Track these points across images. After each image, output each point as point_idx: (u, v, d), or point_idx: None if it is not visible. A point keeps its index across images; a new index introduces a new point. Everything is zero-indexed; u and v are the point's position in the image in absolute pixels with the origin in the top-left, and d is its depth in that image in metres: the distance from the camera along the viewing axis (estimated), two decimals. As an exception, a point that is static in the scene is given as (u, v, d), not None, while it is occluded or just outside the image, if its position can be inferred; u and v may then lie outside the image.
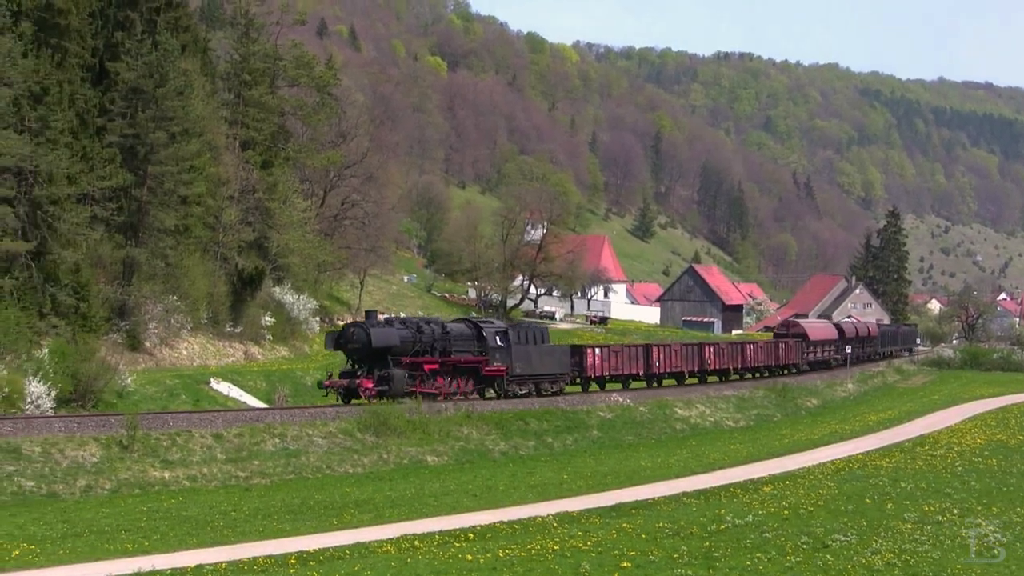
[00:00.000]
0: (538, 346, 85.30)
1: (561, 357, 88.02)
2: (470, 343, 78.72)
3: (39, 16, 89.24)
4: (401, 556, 36.81)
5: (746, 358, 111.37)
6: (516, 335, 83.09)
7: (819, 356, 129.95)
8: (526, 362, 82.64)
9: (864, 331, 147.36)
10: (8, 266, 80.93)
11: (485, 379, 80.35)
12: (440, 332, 76.09)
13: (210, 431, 63.07)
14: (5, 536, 41.88)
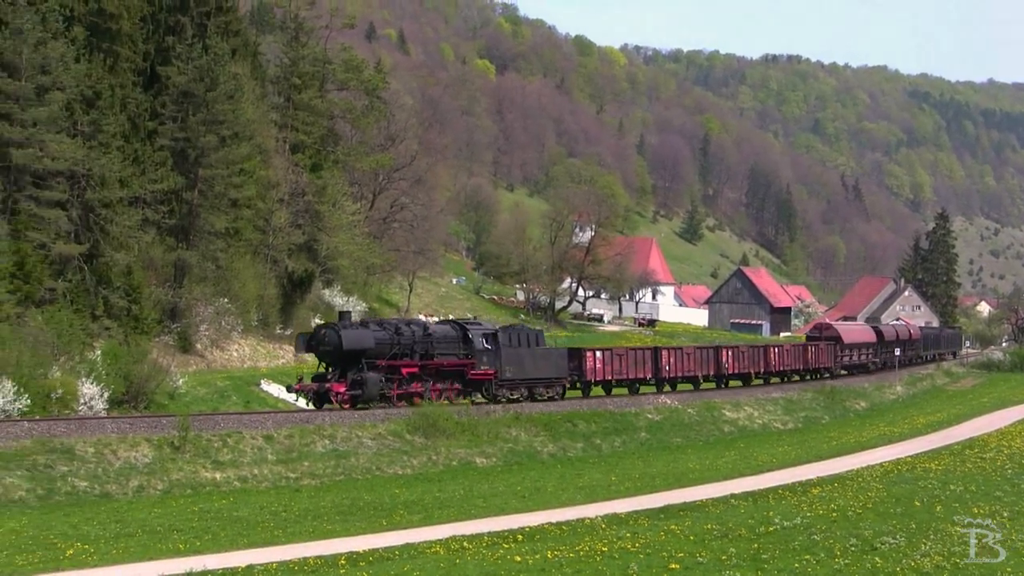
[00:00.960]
0: (531, 349, 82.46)
1: (558, 361, 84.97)
2: (455, 345, 75.56)
3: (91, 21, 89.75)
4: (450, 557, 36.89)
5: (769, 362, 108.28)
6: (507, 338, 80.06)
7: (855, 360, 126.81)
8: (517, 365, 79.68)
9: (905, 334, 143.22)
10: (61, 269, 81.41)
11: (472, 383, 76.74)
12: (422, 334, 73.14)
13: (260, 432, 63.30)
14: (59, 535, 42.15)
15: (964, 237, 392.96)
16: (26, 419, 58.73)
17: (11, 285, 75.25)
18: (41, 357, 69.74)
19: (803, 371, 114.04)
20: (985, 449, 70.86)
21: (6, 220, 79.11)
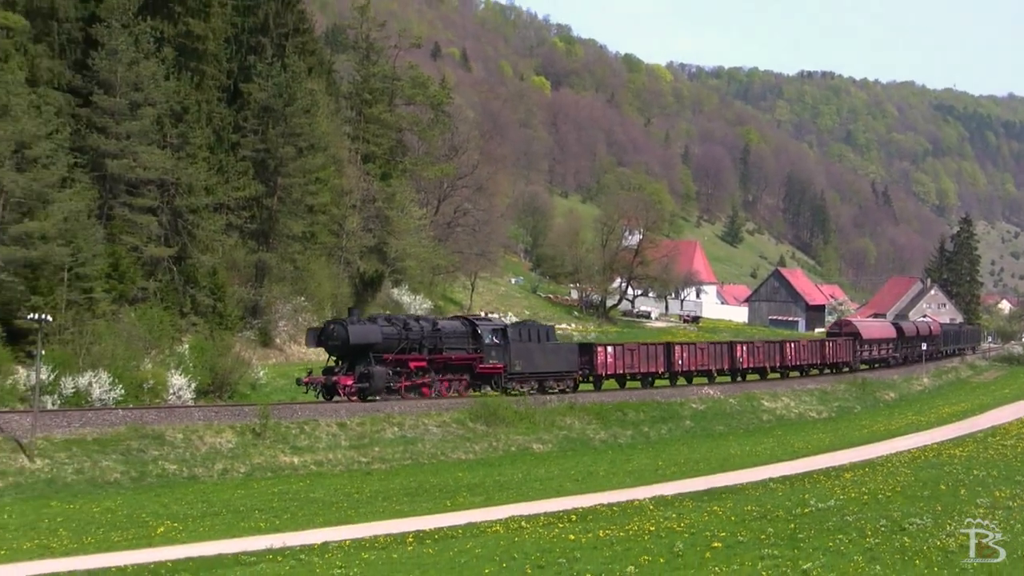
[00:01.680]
0: (541, 344, 79.85)
1: (568, 355, 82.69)
2: (464, 341, 73.26)
3: (180, 42, 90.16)
4: (509, 536, 36.92)
5: (785, 357, 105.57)
6: (516, 333, 77.86)
7: (874, 354, 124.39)
8: (527, 360, 77.19)
9: (926, 330, 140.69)
10: (152, 270, 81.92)
11: (481, 376, 74.41)
12: (430, 329, 70.94)
13: (335, 420, 63.50)
14: (151, 515, 42.39)
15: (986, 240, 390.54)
16: (121, 407, 59.10)
17: (107, 285, 75.82)
18: (134, 351, 70.26)
19: (821, 365, 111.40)
20: (1006, 436, 70.40)
21: (102, 225, 79.62)
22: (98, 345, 67.73)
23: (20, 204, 71.41)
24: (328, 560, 33.19)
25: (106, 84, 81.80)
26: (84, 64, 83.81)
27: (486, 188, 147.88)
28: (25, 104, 73.26)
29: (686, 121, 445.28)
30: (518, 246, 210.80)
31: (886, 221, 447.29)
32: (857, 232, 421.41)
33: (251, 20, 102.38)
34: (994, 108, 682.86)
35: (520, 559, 32.22)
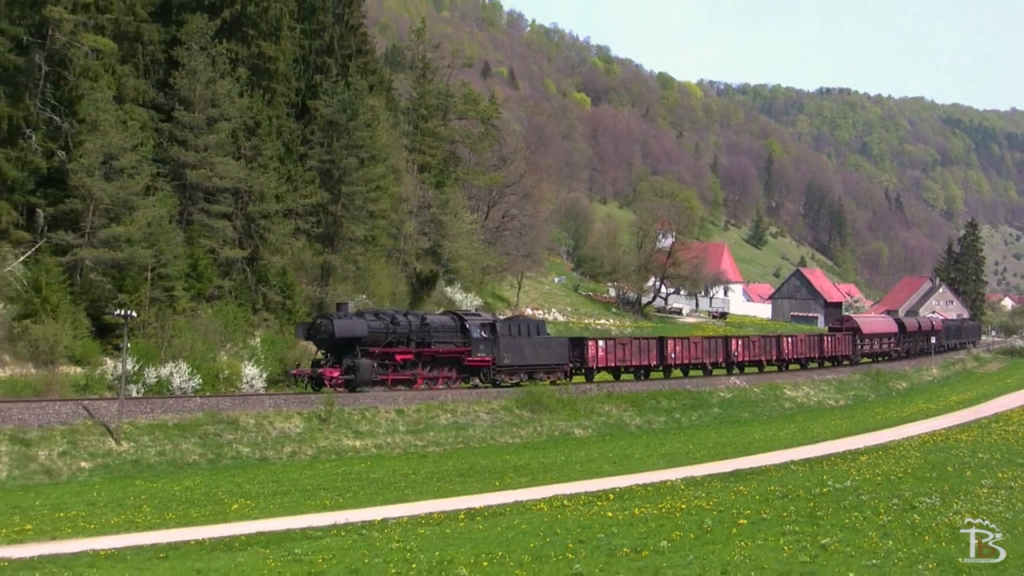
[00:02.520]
0: (531, 338, 77.37)
1: (558, 349, 79.67)
2: (452, 335, 70.93)
3: (253, 63, 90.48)
4: (552, 513, 36.97)
5: (782, 351, 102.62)
6: (506, 328, 75.75)
7: (875, 348, 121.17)
8: (516, 353, 74.61)
9: (927, 326, 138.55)
10: (228, 270, 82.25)
11: (469, 369, 72.01)
12: (419, 324, 68.72)
13: (393, 408, 63.64)
14: (226, 493, 42.57)
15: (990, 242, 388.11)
16: (198, 396, 59.34)
17: (186, 284, 76.20)
18: (211, 344, 70.64)
19: (819, 358, 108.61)
20: (1009, 423, 70.37)
21: (182, 229, 79.99)
22: (178, 339, 68.10)
23: (108, 210, 71.90)
24: (387, 535, 33.28)
25: (186, 101, 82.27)
26: (166, 83, 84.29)
27: (532, 195, 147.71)
28: (113, 119, 73.70)
29: (715, 134, 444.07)
30: (561, 248, 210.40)
31: (898, 225, 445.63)
32: (872, 235, 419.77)
33: (318, 42, 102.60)
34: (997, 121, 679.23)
35: (562, 534, 32.28)
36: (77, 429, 50.52)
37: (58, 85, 76.34)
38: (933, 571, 25.50)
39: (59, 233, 72.06)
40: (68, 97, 75.69)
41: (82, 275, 71.80)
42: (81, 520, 36.39)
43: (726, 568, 26.66)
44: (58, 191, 73.42)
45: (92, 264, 71.84)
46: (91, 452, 49.23)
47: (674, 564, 27.40)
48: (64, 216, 72.99)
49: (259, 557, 29.75)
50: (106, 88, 75.66)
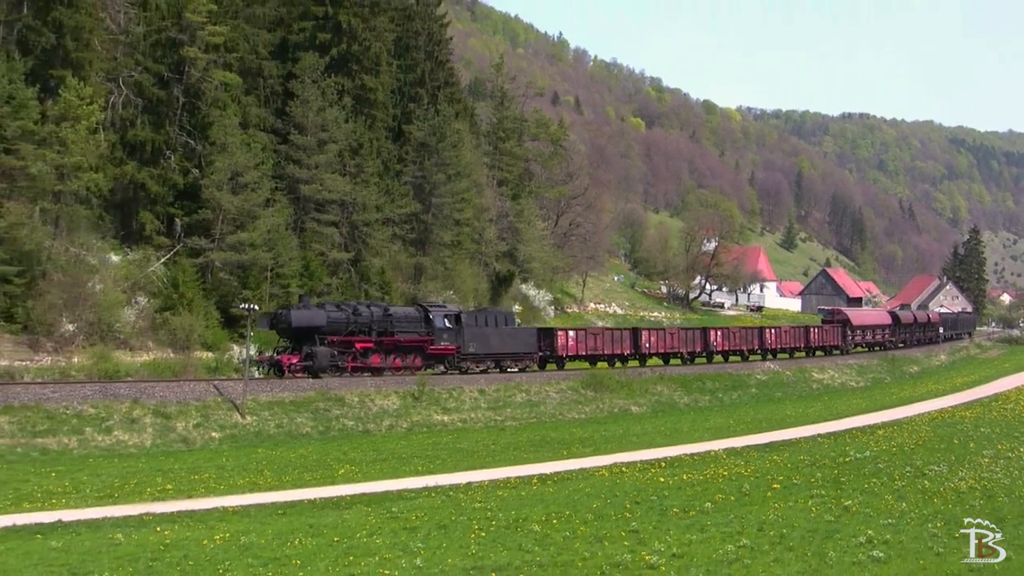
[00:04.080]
0: (499, 328, 71.61)
1: (527, 339, 73.95)
2: (417, 325, 65.27)
3: (356, 93, 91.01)
4: (612, 478, 36.93)
5: (765, 341, 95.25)
6: (472, 319, 70.01)
7: (867, 339, 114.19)
8: (482, 342, 69.23)
9: (923, 318, 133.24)
10: (335, 270, 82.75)
11: (432, 357, 66.12)
12: (381, 315, 63.31)
13: (476, 388, 63.74)
14: (335, 460, 42.81)
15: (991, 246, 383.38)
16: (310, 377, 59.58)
17: (300, 281, 76.69)
18: (321, 333, 70.74)
19: (805, 348, 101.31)
20: (1007, 402, 69.83)
21: (296, 235, 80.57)
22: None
23: (234, 219, 72.58)
24: (470, 496, 33.35)
25: (300, 126, 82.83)
26: (283, 111, 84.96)
27: (594, 206, 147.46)
28: (239, 142, 74.35)
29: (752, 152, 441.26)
30: (619, 251, 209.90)
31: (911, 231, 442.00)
32: (888, 239, 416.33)
33: (411, 76, 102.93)
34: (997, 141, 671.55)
35: (621, 496, 32.26)
36: (209, 405, 50.98)
37: (193, 113, 77.22)
38: (941, 529, 25.57)
39: (193, 239, 72.94)
40: (201, 123, 76.53)
41: (212, 274, 72.48)
42: (212, 482, 36.71)
43: (762, 526, 26.64)
44: (193, 203, 74.28)
45: (221, 265, 72.48)
46: (220, 424, 49.66)
47: (717, 522, 27.41)
48: (198, 224, 73.78)
49: (362, 514, 29.90)
50: (233, 116, 76.36)
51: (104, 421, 46.33)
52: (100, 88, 72.02)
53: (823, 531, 25.87)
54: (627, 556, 23.38)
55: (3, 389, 46.27)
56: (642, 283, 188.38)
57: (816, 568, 22.12)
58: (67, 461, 41.09)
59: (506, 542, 25.37)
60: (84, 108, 64.40)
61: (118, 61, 77.09)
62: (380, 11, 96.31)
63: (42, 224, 64.91)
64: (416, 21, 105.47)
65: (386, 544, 25.30)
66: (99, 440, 44.94)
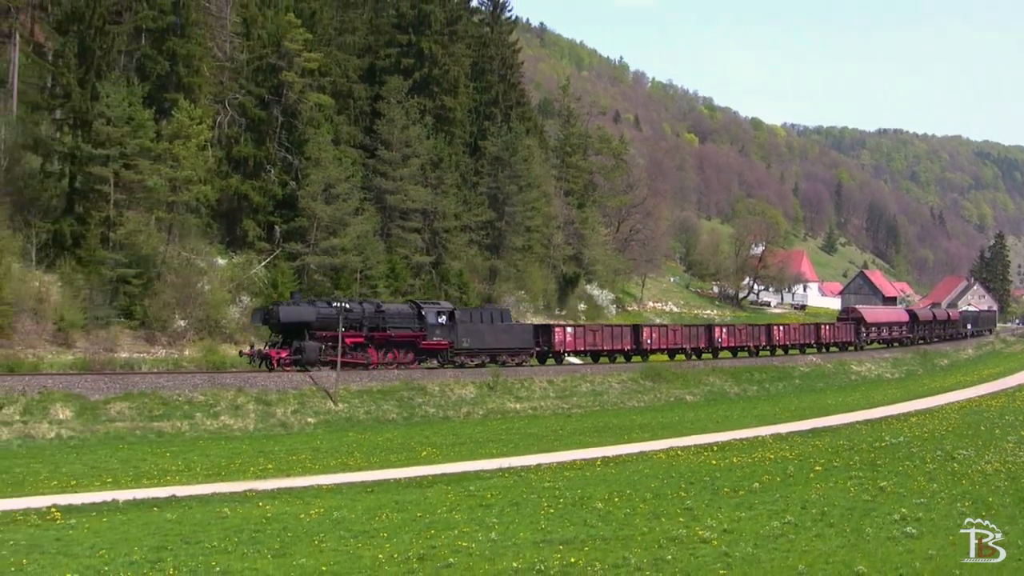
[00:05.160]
0: (493, 324, 67.04)
1: (522, 334, 69.06)
2: (409, 321, 61.15)
3: (437, 112, 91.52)
4: (668, 460, 36.82)
5: (772, 338, 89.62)
6: (467, 315, 65.71)
7: (882, 336, 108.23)
8: (476, 337, 64.77)
9: (943, 316, 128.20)
10: (418, 272, 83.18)
11: (425, 351, 61.83)
12: (373, 311, 59.30)
13: (545, 378, 63.70)
14: (417, 443, 42.95)
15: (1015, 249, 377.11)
16: (396, 368, 59.81)
17: (386, 282, 77.27)
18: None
19: (816, 344, 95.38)
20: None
21: (383, 241, 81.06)
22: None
23: (328, 227, 73.11)
24: (540, 476, 33.35)
25: (386, 142, 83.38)
26: (371, 129, 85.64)
27: (652, 213, 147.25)
28: (331, 157, 74.97)
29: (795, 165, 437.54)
30: (675, 255, 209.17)
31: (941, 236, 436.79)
32: (920, 244, 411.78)
33: (486, 96, 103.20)
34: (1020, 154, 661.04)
35: (676, 477, 32.16)
36: (305, 393, 51.33)
37: (290, 131, 77.94)
38: (968, 508, 25.38)
39: (291, 244, 73.63)
40: (298, 140, 77.21)
41: (308, 276, 73.01)
42: (308, 462, 36.96)
43: (804, 504, 26.56)
44: (290, 212, 74.97)
45: (315, 267, 73.04)
46: (315, 411, 49.99)
47: (764, 501, 27.31)
48: (295, 231, 74.45)
49: (442, 492, 29.99)
50: (326, 133, 77.04)
51: (212, 407, 46.83)
52: (208, 109, 73.02)
53: (861, 509, 25.75)
54: (682, 531, 23.37)
55: (124, 378, 46.92)
56: (696, 284, 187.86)
57: (854, 543, 22.03)
58: (180, 443, 41.57)
59: (572, 518, 25.39)
60: (194, 127, 65.22)
61: (224, 85, 78.12)
62: (458, 38, 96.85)
63: (157, 231, 65.97)
64: (491, 47, 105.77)
65: (464, 519, 25.38)
66: (208, 424, 45.42)
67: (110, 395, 44.71)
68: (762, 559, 20.64)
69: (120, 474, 33.18)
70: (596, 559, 20.71)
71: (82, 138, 61.78)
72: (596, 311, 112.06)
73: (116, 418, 43.32)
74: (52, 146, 63.73)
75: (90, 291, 58.94)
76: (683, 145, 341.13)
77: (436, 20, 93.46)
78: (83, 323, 57.19)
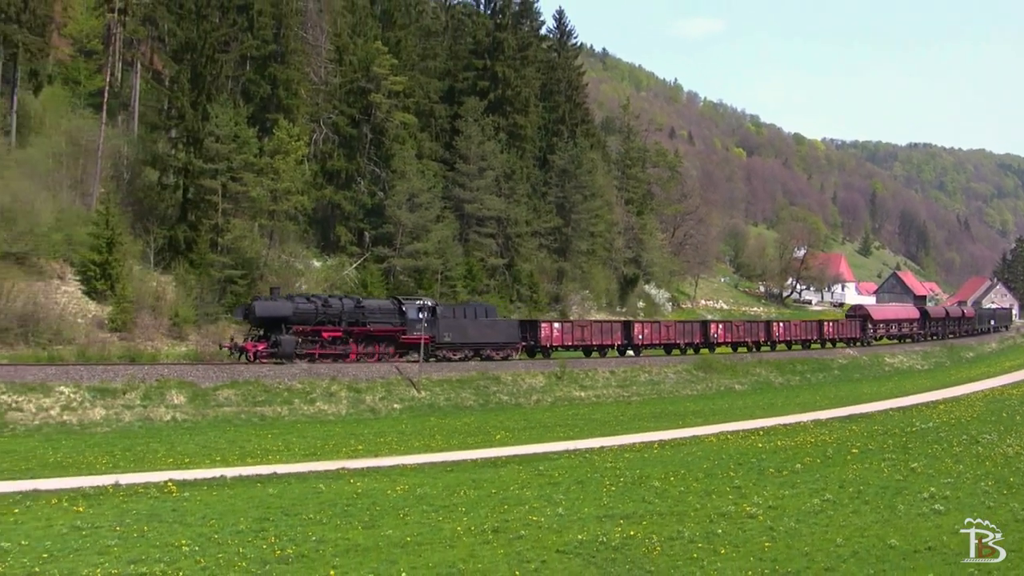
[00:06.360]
0: (477, 320, 62.31)
1: (507, 330, 64.37)
2: (390, 316, 57.02)
3: (510, 129, 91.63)
4: (718, 444, 36.64)
5: (772, 334, 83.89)
6: (450, 311, 61.77)
7: (890, 332, 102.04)
8: (458, 332, 60.65)
9: (957, 313, 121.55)
10: (492, 273, 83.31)
11: (405, 345, 57.27)
12: (352, 306, 55.45)
13: (607, 369, 63.51)
14: (492, 427, 43.04)
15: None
16: (472, 360, 59.92)
17: (464, 282, 77.65)
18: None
19: (819, 340, 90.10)
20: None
21: (461, 245, 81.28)
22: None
23: (411, 232, 73.51)
24: (603, 457, 33.33)
25: (464, 157, 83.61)
26: (450, 144, 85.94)
27: (704, 220, 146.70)
28: (415, 170, 75.36)
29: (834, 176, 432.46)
30: (725, 257, 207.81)
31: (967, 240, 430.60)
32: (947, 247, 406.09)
33: (554, 115, 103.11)
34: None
35: (726, 458, 32.08)
36: (391, 382, 51.58)
37: (378, 147, 78.43)
38: (991, 487, 25.71)
39: (379, 248, 74.14)
40: (385, 155, 77.71)
41: (394, 277, 73.43)
42: (394, 444, 37.16)
43: (842, 483, 26.65)
44: (378, 219, 75.43)
45: (400, 269, 73.42)
46: (400, 398, 50.23)
47: (805, 480, 27.34)
48: (382, 236, 74.91)
49: (514, 471, 30.04)
50: (410, 149, 77.52)
51: (308, 394, 47.23)
52: (305, 128, 73.78)
53: (893, 488, 25.80)
54: (731, 507, 23.33)
55: (231, 368, 47.45)
56: (744, 283, 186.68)
57: (887, 518, 22.02)
58: (280, 426, 41.98)
59: (632, 495, 25.36)
60: (293, 144, 65.92)
61: (319, 106, 78.90)
62: (529, 63, 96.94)
63: (260, 237, 66.71)
64: (558, 71, 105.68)
65: (534, 496, 25.42)
66: (304, 409, 45.80)
67: (219, 383, 45.31)
68: (804, 533, 20.72)
69: (227, 453, 33.61)
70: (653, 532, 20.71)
71: (194, 154, 62.75)
72: (653, 308, 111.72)
73: (224, 403, 43.86)
74: (168, 161, 64.69)
75: (201, 290, 59.74)
76: (732, 158, 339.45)
77: (509, 47, 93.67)
78: (195, 318, 57.94)
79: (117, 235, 57.40)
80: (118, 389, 41.74)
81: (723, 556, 18.73)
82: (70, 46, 74.62)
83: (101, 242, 56.67)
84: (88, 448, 33.48)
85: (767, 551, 19.09)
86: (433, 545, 19.78)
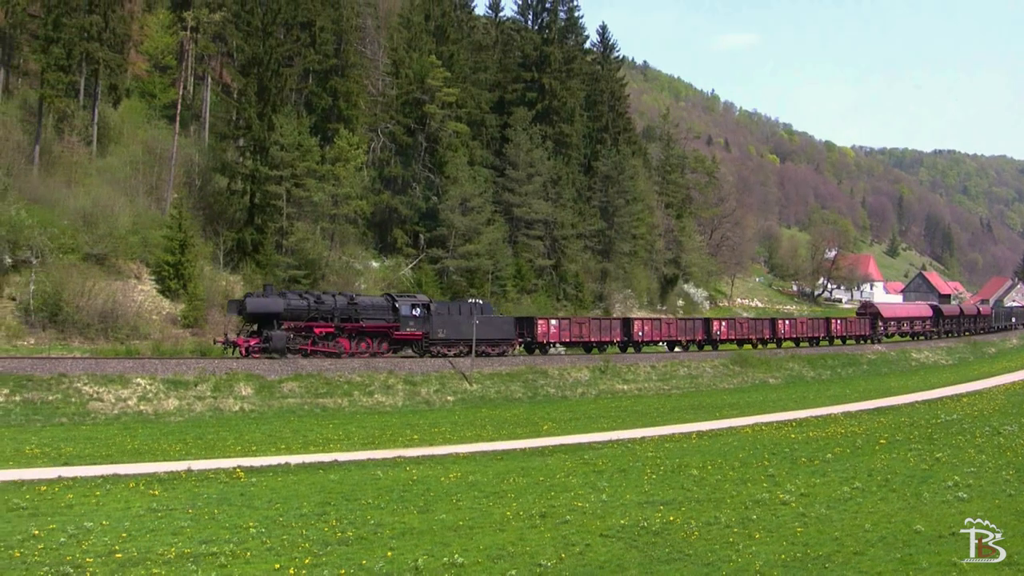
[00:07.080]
0: (472, 316, 58.07)
1: (503, 326, 61.17)
2: (384, 312, 55.03)
3: (556, 137, 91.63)
4: (753, 434, 36.41)
5: (777, 330, 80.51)
6: (444, 308, 58.80)
7: (902, 330, 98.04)
8: (452, 329, 57.68)
9: (972, 311, 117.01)
10: (540, 273, 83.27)
11: (398, 341, 55.66)
12: (345, 303, 53.38)
13: (649, 363, 63.26)
14: (539, 418, 43.02)
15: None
16: (520, 355, 59.92)
17: (514, 282, 77.65)
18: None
19: (827, 337, 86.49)
20: (1071, 377, 67.26)
21: (510, 246, 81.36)
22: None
23: (464, 235, 73.63)
24: (644, 447, 33.23)
25: (513, 163, 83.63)
26: (500, 152, 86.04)
27: (740, 223, 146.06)
28: (467, 176, 75.56)
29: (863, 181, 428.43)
30: (760, 258, 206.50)
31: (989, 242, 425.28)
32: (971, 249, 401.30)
33: (597, 124, 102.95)
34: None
35: (760, 448, 31.88)
36: (445, 376, 51.70)
37: (432, 154, 78.75)
38: (1012, 476, 25.43)
39: (433, 249, 74.38)
40: (439, 162, 78.00)
41: (447, 276, 73.63)
42: (447, 433, 37.25)
43: (871, 472, 26.43)
44: (432, 222, 75.68)
45: (454, 269, 73.60)
46: (453, 390, 50.33)
47: (836, 468, 27.14)
48: (436, 238, 75.14)
49: (560, 460, 30.01)
50: (462, 156, 77.73)
51: (367, 387, 47.45)
52: (364, 137, 74.37)
53: (919, 476, 25.55)
54: (765, 494, 23.19)
55: (294, 362, 47.76)
56: (778, 283, 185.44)
57: (913, 505, 21.83)
58: (340, 416, 42.19)
59: (671, 483, 25.26)
60: (352, 152, 66.40)
61: (377, 116, 79.38)
62: (574, 75, 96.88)
63: (322, 239, 67.12)
64: (601, 82, 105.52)
65: (579, 483, 25.38)
66: (363, 401, 46.01)
67: (283, 376, 45.64)
68: (834, 519, 20.59)
69: (291, 441, 33.85)
70: (691, 518, 20.62)
71: (260, 162, 63.35)
72: (692, 307, 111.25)
73: (288, 395, 44.17)
74: (236, 169, 65.33)
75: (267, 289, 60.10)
76: (766, 164, 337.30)
77: (555, 60, 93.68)
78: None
79: (189, 237, 58.22)
80: (190, 381, 42.19)
81: (758, 540, 18.62)
82: (146, 62, 75.84)
83: (174, 244, 57.46)
84: (163, 436, 33.85)
85: (799, 536, 18.97)
86: (484, 529, 19.81)
